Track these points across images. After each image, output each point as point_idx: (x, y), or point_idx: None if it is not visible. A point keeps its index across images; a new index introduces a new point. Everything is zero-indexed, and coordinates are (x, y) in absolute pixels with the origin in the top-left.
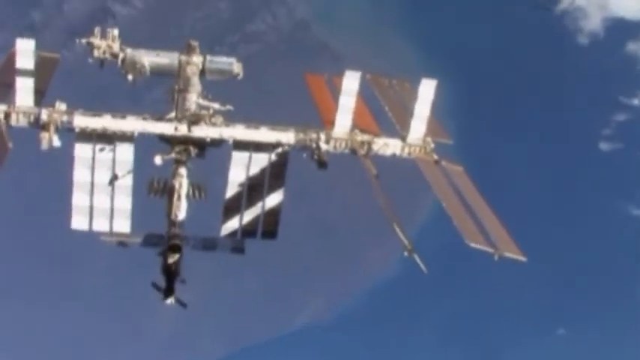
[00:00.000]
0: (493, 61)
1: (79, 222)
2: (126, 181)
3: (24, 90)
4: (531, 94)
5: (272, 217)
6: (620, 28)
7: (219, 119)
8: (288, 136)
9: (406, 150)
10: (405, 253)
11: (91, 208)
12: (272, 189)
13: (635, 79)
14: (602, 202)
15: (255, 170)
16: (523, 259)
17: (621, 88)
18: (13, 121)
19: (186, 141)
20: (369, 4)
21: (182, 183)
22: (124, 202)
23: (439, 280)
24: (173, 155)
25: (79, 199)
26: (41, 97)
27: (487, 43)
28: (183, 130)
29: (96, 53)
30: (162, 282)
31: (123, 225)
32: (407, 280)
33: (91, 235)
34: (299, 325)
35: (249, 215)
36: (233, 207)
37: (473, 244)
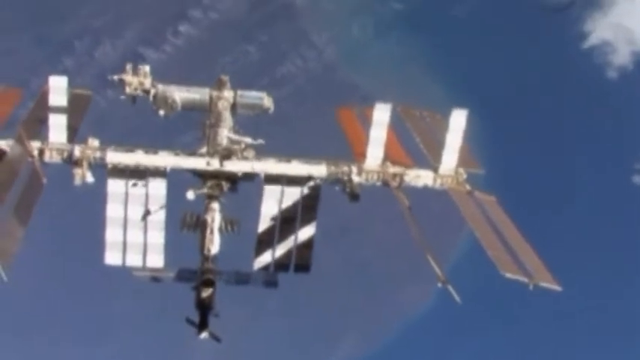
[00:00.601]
0: (523, 97)
1: (112, 257)
2: (159, 216)
3: (57, 127)
4: (563, 130)
5: (305, 250)
6: None
7: (250, 153)
8: (319, 169)
9: (438, 181)
10: (439, 284)
11: (125, 243)
12: (304, 222)
13: None
14: (637, 235)
15: (287, 204)
16: (558, 288)
17: None
18: (46, 158)
19: (218, 175)
20: (397, 44)
21: (215, 217)
22: (157, 237)
23: (475, 314)
24: (205, 190)
25: (112, 234)
26: (74, 133)
27: (518, 80)
28: (215, 164)
29: (128, 90)
30: (196, 317)
31: (156, 260)
32: (444, 315)
33: (124, 271)
34: None
35: (281, 249)
36: (266, 241)
37: (508, 275)
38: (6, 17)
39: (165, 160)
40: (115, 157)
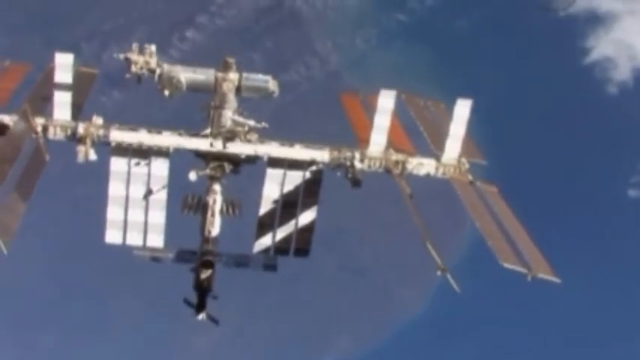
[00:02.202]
0: (523, 111)
1: (113, 236)
2: (160, 196)
3: (61, 104)
4: (561, 143)
5: (305, 234)
6: None
7: (254, 136)
8: (322, 154)
9: (440, 170)
10: (438, 272)
11: (125, 222)
12: (306, 207)
13: None
14: (630, 247)
15: (289, 188)
16: (557, 280)
17: None
18: (50, 134)
19: (221, 157)
20: (400, 54)
21: (216, 199)
22: (158, 216)
23: (469, 316)
24: (208, 171)
25: (113, 212)
26: (78, 111)
27: (519, 92)
28: (218, 146)
29: (133, 68)
30: (194, 298)
31: (156, 240)
32: (437, 319)
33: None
34: None
35: (282, 232)
36: (266, 224)
37: (506, 265)
38: (17, 20)
39: (168, 139)
40: (118, 135)
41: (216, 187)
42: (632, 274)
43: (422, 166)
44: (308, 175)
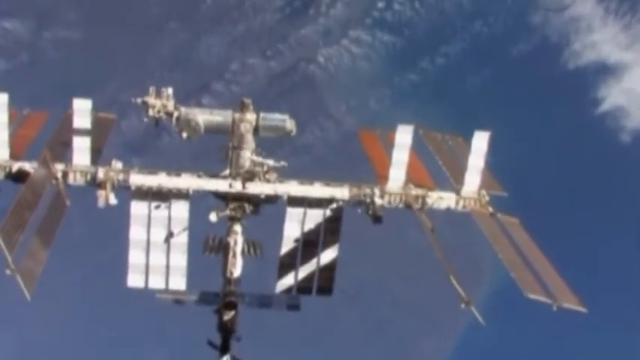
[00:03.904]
0: (538, 161)
1: (135, 280)
2: (181, 239)
3: (81, 149)
4: (578, 193)
5: (327, 272)
6: None
7: (273, 176)
8: (342, 192)
9: (461, 203)
10: (462, 306)
11: (147, 265)
12: (327, 245)
13: None
14: None
15: (309, 226)
16: (583, 309)
17: None
18: (70, 180)
19: (240, 198)
20: (414, 113)
21: (237, 240)
22: (180, 259)
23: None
24: (228, 212)
25: (135, 256)
26: (98, 156)
27: (534, 144)
28: (237, 186)
29: (151, 112)
30: (218, 340)
31: (178, 282)
32: None
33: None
34: None
35: (304, 271)
36: (288, 263)
37: (531, 296)
38: (38, 90)
39: (187, 182)
40: (138, 179)
41: (237, 227)
42: None
43: (442, 200)
44: (328, 213)
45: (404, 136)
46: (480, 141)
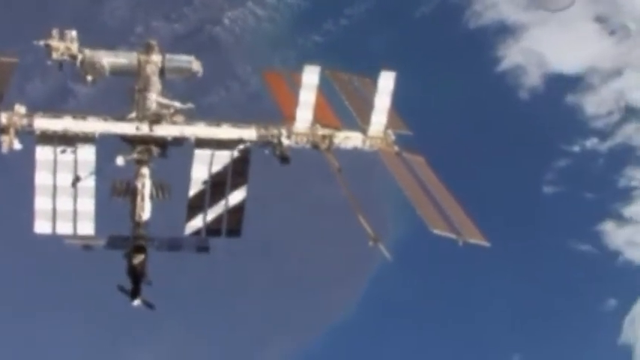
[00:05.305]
0: (441, 115)
1: (42, 226)
2: (88, 183)
3: None
4: (479, 146)
5: (236, 214)
6: (558, 83)
7: (180, 118)
8: (249, 133)
9: (367, 142)
10: (370, 243)
11: (54, 211)
12: (235, 186)
13: (574, 129)
14: (547, 240)
15: (217, 168)
16: (486, 244)
17: (562, 136)
18: None
19: (147, 141)
20: None
21: (145, 183)
22: (87, 204)
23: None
24: (135, 156)
25: (41, 202)
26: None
27: (435, 100)
28: (144, 129)
29: (54, 55)
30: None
31: (87, 227)
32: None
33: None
34: None
35: (213, 213)
36: (197, 205)
37: (437, 231)
38: None
39: (94, 125)
40: (42, 123)
41: (145, 170)
42: (545, 268)
43: (349, 139)
44: (236, 154)
45: (311, 76)
46: (386, 81)
